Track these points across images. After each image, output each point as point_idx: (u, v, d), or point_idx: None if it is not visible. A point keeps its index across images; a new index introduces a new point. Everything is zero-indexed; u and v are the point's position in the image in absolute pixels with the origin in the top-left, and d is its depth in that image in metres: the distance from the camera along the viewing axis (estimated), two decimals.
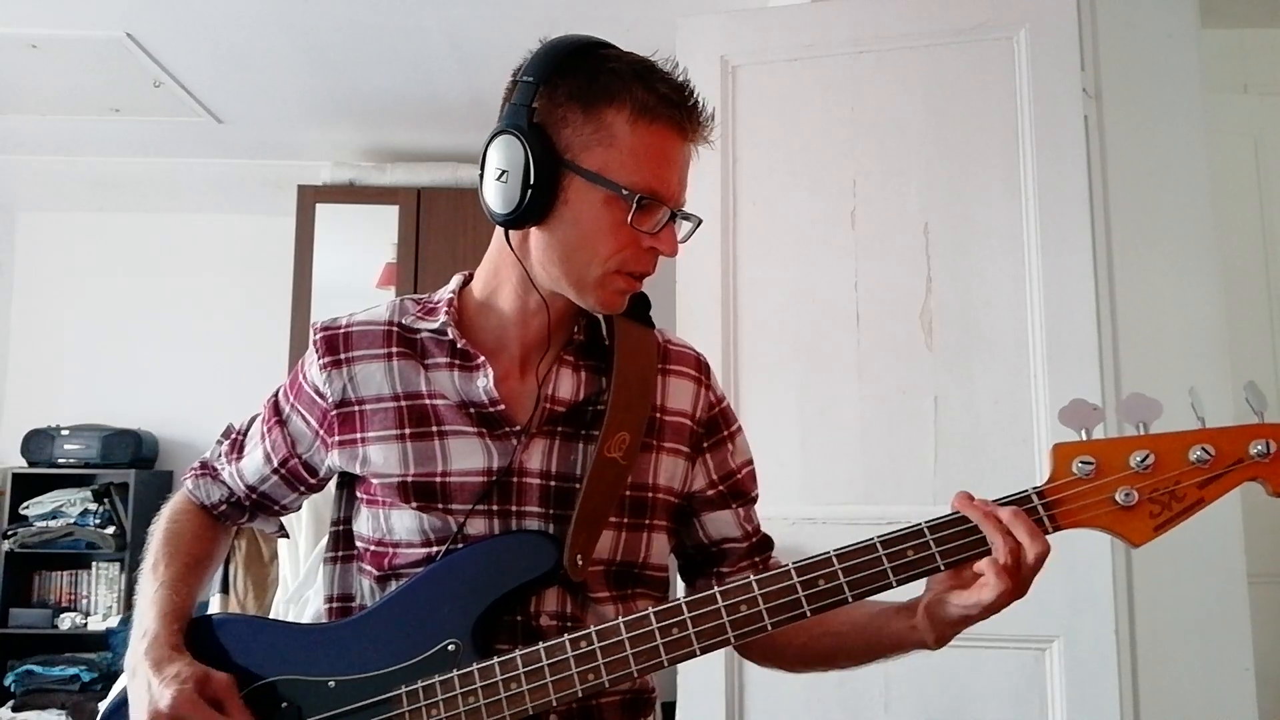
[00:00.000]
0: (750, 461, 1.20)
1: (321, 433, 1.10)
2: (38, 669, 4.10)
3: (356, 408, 1.08)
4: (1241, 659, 1.99)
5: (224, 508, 1.18)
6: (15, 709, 4.00)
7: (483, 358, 1.07)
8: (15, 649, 4.18)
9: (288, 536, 1.29)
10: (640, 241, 1.01)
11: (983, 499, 0.95)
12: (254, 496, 1.17)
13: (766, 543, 1.20)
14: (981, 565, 0.93)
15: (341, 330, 1.11)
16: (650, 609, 0.97)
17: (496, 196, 1.01)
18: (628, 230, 1.00)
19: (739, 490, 1.18)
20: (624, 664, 0.96)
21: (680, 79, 1.03)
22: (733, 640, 0.96)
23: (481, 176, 1.03)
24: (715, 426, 1.17)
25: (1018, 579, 0.92)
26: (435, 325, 1.09)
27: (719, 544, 1.17)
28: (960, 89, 2.07)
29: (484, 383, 1.06)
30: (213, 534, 1.18)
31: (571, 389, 1.09)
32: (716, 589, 0.97)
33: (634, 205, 0.98)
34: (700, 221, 1.06)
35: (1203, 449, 0.92)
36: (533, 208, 1.00)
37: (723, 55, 2.19)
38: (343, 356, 1.10)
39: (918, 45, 2.11)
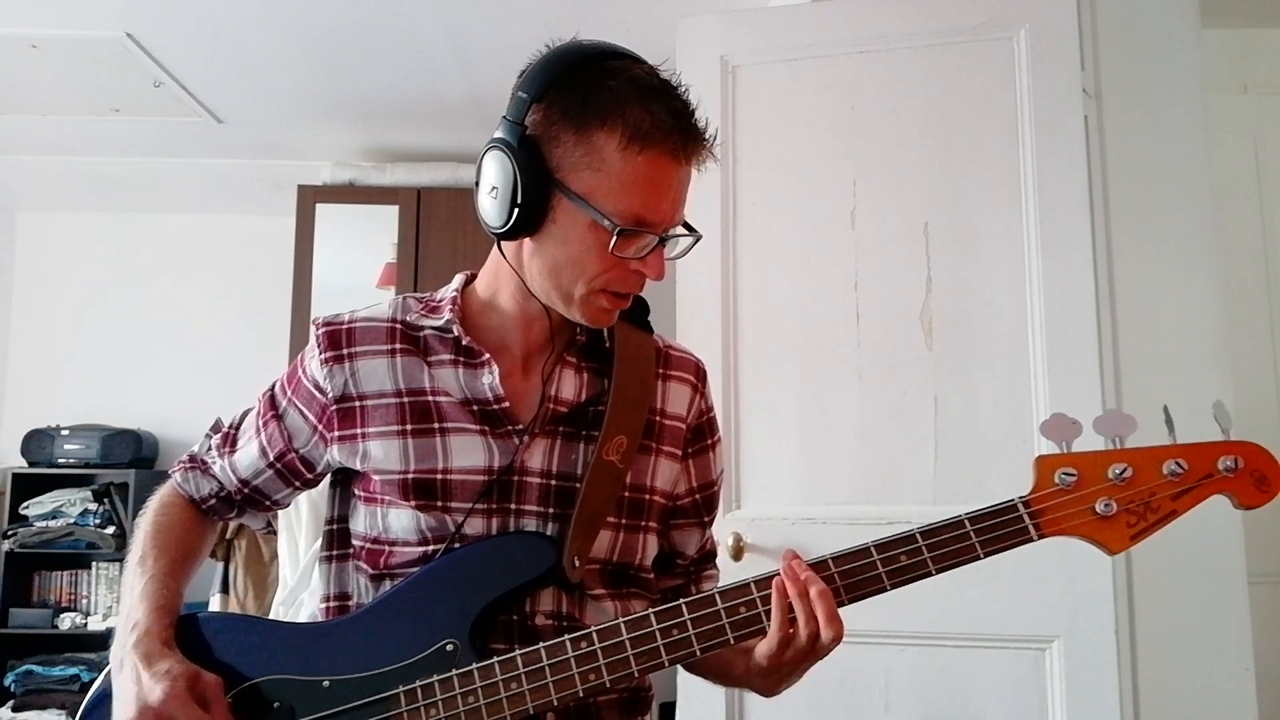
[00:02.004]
0: (723, 472, 1.23)
1: (320, 428, 1.10)
2: (38, 669, 4.09)
3: (358, 403, 1.08)
4: (1241, 659, 1.99)
5: (213, 502, 1.17)
6: (15, 709, 4.00)
7: (488, 354, 1.07)
8: (15, 649, 4.17)
9: (275, 533, 1.28)
10: (626, 264, 1.01)
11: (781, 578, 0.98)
12: (246, 491, 1.16)
13: (710, 557, 1.24)
14: (764, 646, 0.97)
15: (344, 326, 1.11)
16: (650, 610, 0.98)
17: (489, 210, 1.02)
18: (612, 254, 0.99)
19: (711, 502, 1.21)
20: (625, 664, 0.96)
21: (683, 99, 1.00)
22: (732, 641, 0.97)
23: (477, 187, 1.04)
24: (701, 434, 1.18)
25: (810, 659, 0.98)
26: (440, 323, 1.09)
27: (672, 555, 1.20)
28: (960, 89, 2.07)
29: (489, 379, 1.06)
30: (200, 528, 1.17)
31: (574, 390, 1.09)
32: (715, 590, 0.98)
33: (615, 235, 0.97)
34: (699, 237, 1.05)
35: (1176, 463, 0.98)
36: (521, 223, 1.00)
37: (723, 55, 2.19)
38: (345, 352, 1.09)
39: (918, 45, 2.11)
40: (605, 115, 0.97)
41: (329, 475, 1.16)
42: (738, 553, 1.99)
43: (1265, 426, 2.51)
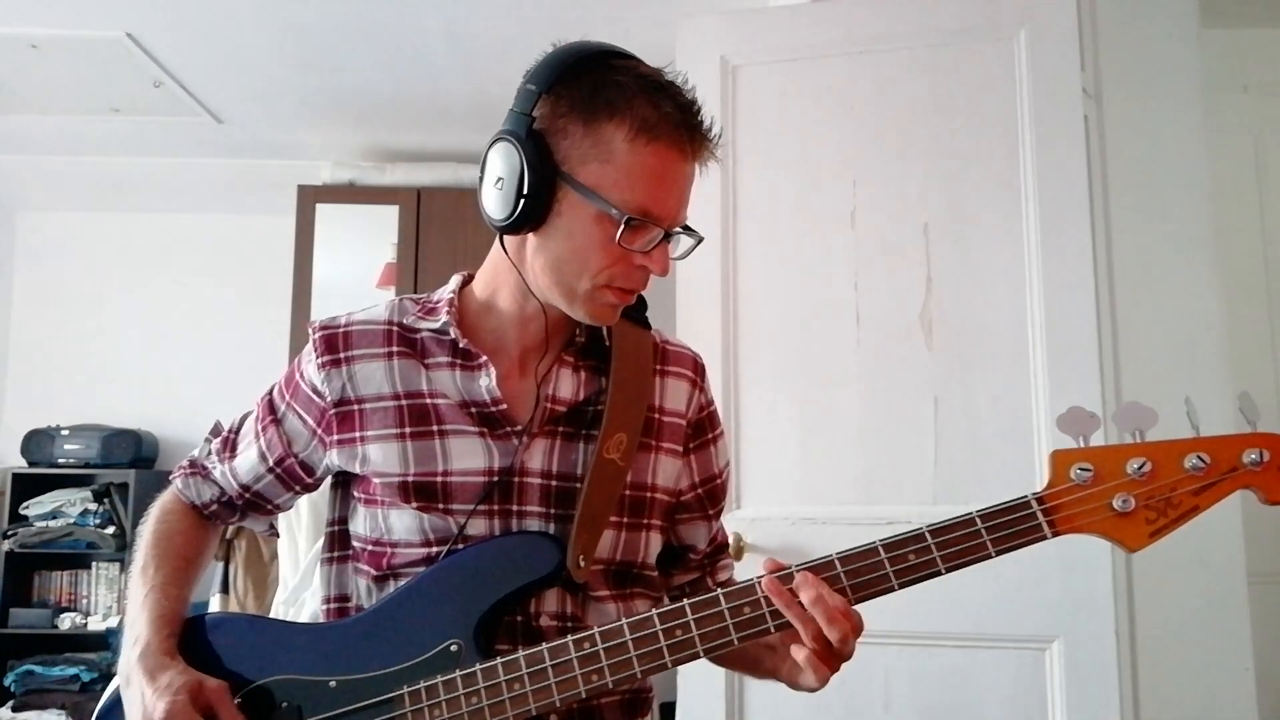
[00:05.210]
0: (728, 464, 1.23)
1: (319, 432, 1.10)
2: (38, 669, 4.09)
3: (356, 407, 1.08)
4: (1241, 659, 1.99)
5: (215, 507, 1.17)
6: (15, 709, 4.00)
7: (485, 357, 1.07)
8: (15, 649, 4.17)
9: (278, 535, 1.28)
10: (631, 259, 1.00)
11: (780, 583, 0.95)
12: (247, 496, 1.16)
13: (722, 548, 1.24)
14: (796, 653, 0.95)
15: (341, 329, 1.11)
16: (654, 610, 0.97)
17: (493, 202, 1.01)
18: (619, 247, 0.99)
19: (715, 495, 1.20)
20: (628, 665, 0.96)
21: (689, 96, 1.01)
22: (735, 642, 0.96)
23: (481, 180, 1.03)
24: (702, 428, 1.18)
25: (831, 661, 0.95)
26: (437, 325, 1.09)
27: (683, 550, 1.20)
28: (960, 89, 2.07)
29: (486, 382, 1.06)
30: (203, 534, 1.17)
31: (572, 389, 1.09)
32: (719, 590, 0.97)
33: (622, 225, 0.97)
34: (701, 239, 1.05)
35: (1198, 457, 0.94)
36: (526, 216, 0.99)
37: (723, 55, 2.19)
38: (342, 355, 1.09)
39: (917, 45, 2.11)
40: (614, 108, 0.97)
41: (330, 478, 1.15)
42: (738, 553, 1.99)
43: (1266, 427, 2.51)
